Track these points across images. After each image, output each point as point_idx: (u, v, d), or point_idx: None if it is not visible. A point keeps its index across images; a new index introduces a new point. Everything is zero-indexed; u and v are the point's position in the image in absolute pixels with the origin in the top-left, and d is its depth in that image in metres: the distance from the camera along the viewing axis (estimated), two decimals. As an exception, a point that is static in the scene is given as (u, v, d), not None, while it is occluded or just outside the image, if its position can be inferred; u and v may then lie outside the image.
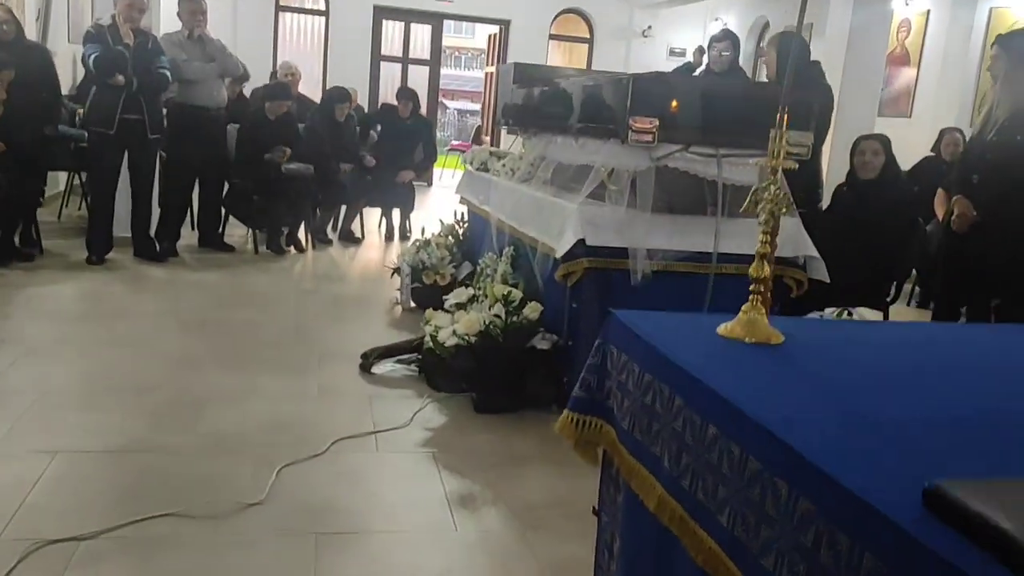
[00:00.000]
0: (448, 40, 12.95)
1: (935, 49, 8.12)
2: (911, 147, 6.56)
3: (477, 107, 23.51)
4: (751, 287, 1.50)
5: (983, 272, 4.04)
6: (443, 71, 13.24)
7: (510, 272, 4.10)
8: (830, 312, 3.91)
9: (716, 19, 12.31)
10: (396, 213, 7.70)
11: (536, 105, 4.55)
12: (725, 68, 5.05)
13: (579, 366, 3.50)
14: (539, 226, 3.87)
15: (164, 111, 5.73)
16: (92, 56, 5.21)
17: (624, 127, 3.29)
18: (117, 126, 5.33)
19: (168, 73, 5.54)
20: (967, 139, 4.85)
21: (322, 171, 6.74)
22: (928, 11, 8.28)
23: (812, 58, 4.95)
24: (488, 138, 12.64)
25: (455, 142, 17.48)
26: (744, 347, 1.45)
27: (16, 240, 5.57)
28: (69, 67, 7.47)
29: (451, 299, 4.09)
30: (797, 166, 1.63)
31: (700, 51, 11.34)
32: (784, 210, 1.49)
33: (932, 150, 6.61)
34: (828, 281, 3.77)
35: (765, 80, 4.59)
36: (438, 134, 15.08)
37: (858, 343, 1.61)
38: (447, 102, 33.10)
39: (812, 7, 9.30)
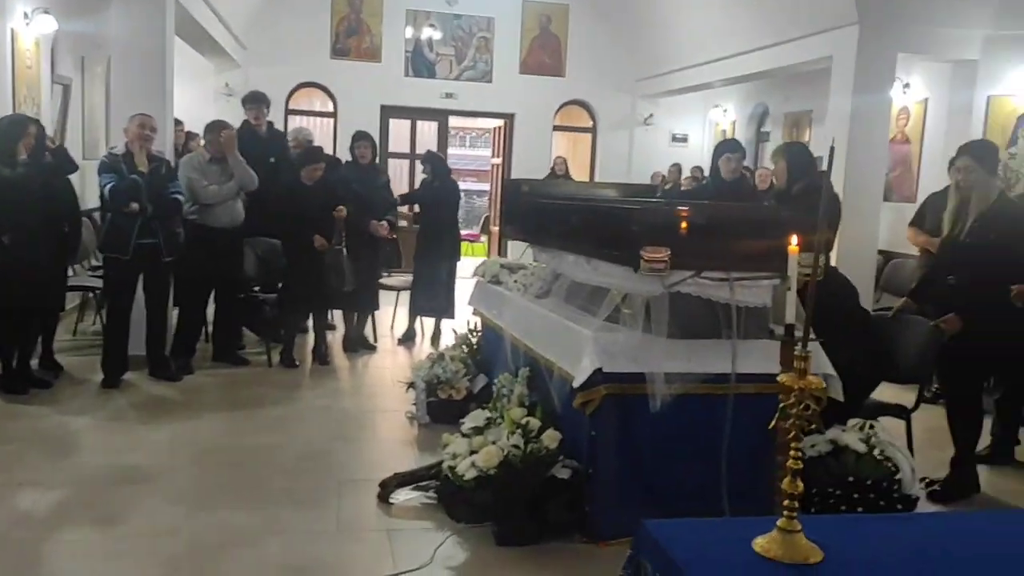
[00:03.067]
0: (453, 120, 13.17)
1: (935, 135, 8.22)
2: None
3: (485, 187, 23.77)
4: (785, 503, 1.47)
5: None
6: (449, 151, 13.44)
7: (526, 394, 4.08)
8: (852, 424, 3.88)
9: (716, 106, 12.55)
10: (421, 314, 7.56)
11: (544, 222, 4.59)
12: (737, 176, 5.28)
13: (601, 494, 3.51)
14: (556, 349, 3.86)
15: (181, 231, 5.80)
16: (108, 186, 5.32)
17: (635, 255, 3.30)
18: (132, 251, 5.40)
19: (181, 197, 5.64)
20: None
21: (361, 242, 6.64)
22: (926, 99, 8.41)
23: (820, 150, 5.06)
24: (497, 228, 12.75)
25: (464, 232, 17.54)
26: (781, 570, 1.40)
27: (35, 362, 5.60)
28: (79, 184, 7.61)
29: (467, 422, 4.05)
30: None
31: (673, 171, 11.46)
32: (813, 425, 1.46)
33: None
34: (842, 400, 3.73)
35: (771, 183, 4.62)
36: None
37: (909, 556, 1.54)
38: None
39: (811, 92, 9.50)
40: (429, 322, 7.63)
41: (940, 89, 8.17)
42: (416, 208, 7.59)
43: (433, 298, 7.33)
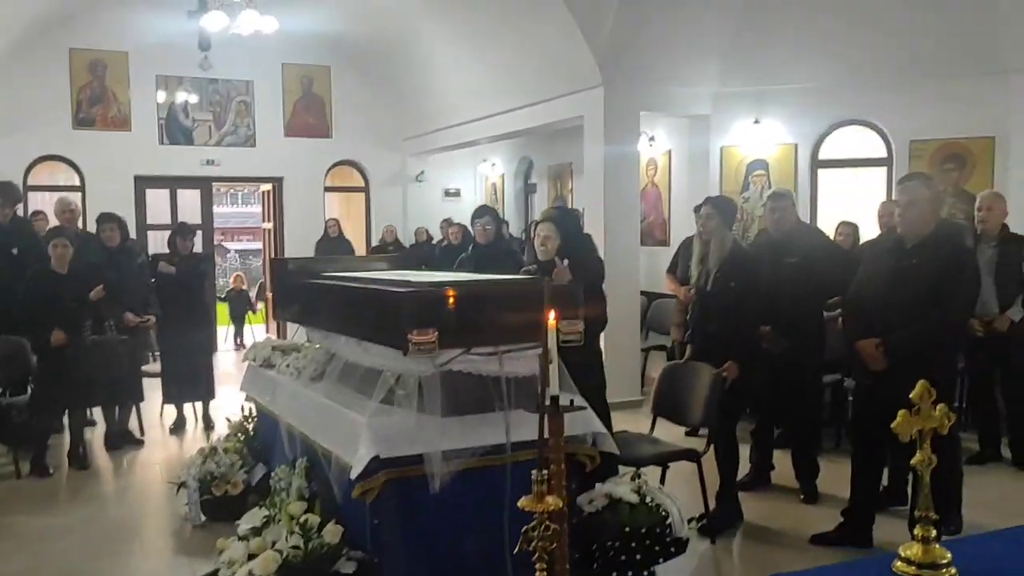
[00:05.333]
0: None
1: (680, 183, 8.95)
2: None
3: (257, 244, 22.86)
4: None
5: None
6: (219, 209, 12.90)
7: (306, 485, 3.93)
8: (623, 475, 4.06)
9: (485, 160, 12.96)
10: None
11: (314, 303, 4.48)
12: (491, 239, 5.47)
13: (391, 582, 3.42)
14: (332, 437, 3.75)
15: None
16: None
17: (403, 338, 3.28)
18: None
19: None
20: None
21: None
22: (670, 150, 9.15)
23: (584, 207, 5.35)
24: (271, 295, 12.32)
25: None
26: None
27: None
28: None
29: (244, 523, 3.83)
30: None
31: (444, 226, 11.59)
32: (554, 544, 1.49)
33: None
34: (618, 453, 3.91)
35: (542, 249, 4.79)
36: (219, 281, 14.43)
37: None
38: (227, 244, 31.79)
39: (570, 146, 10.04)
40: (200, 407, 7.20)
41: (681, 141, 8.92)
42: None
43: (186, 381, 6.93)
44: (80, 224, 7.70)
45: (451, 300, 3.39)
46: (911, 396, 1.72)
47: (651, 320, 8.62)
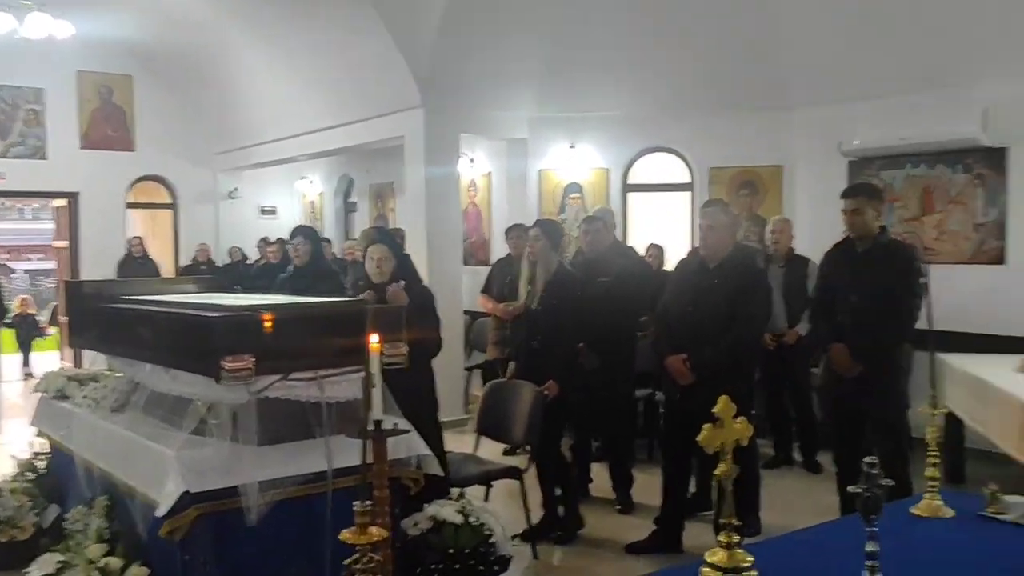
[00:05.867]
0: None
1: (500, 204, 9.12)
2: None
3: (49, 264, 20.91)
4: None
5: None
6: (3, 226, 11.80)
7: (105, 526, 3.64)
8: (437, 502, 4.05)
9: (303, 178, 12.64)
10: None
11: (112, 327, 4.17)
12: (306, 261, 5.39)
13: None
14: (136, 472, 3.50)
15: None
16: None
17: (216, 366, 3.12)
18: None
19: None
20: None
21: None
22: (490, 172, 9.31)
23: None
24: (66, 318, 11.41)
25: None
26: None
27: None
28: None
29: (34, 571, 3.50)
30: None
31: (262, 245, 11.17)
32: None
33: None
34: (443, 475, 3.91)
35: (376, 272, 4.69)
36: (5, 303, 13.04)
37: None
38: (12, 263, 28.92)
39: (392, 165, 9.99)
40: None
41: (500, 163, 9.10)
42: None
43: None
44: None
45: (267, 324, 3.27)
46: (714, 410, 1.83)
47: (475, 339, 8.69)
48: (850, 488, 1.90)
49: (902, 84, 6.95)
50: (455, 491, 4.17)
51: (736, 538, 1.82)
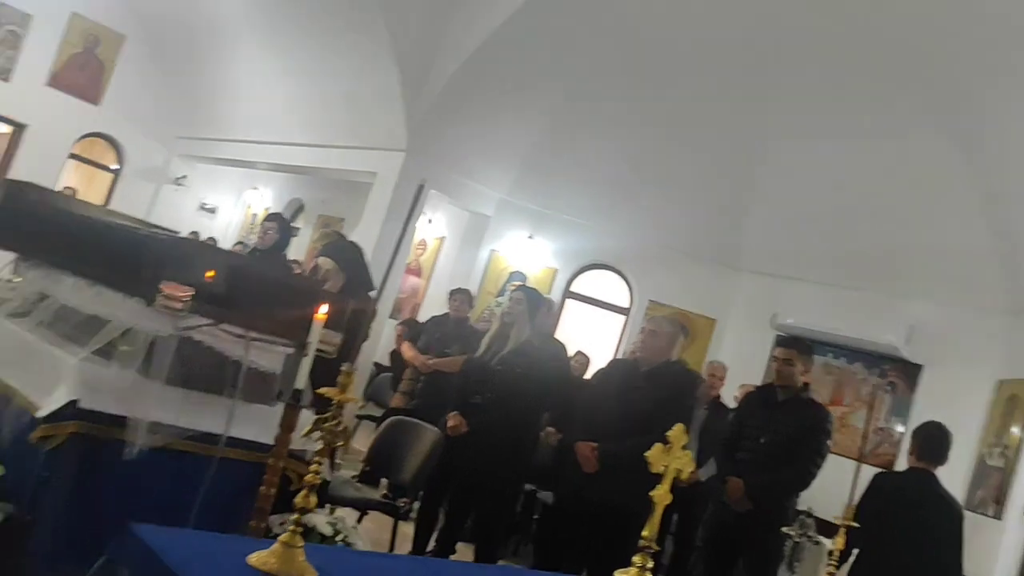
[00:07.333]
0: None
1: (444, 270, 9.17)
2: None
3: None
4: (294, 517, 1.40)
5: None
6: None
7: (-34, 423, 3.36)
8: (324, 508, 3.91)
9: (254, 188, 12.49)
10: None
11: (44, 233, 3.98)
12: (269, 246, 5.24)
13: (43, 544, 2.97)
14: (23, 374, 3.27)
15: None
16: None
17: (153, 289, 3.00)
18: None
19: None
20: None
21: None
22: (444, 237, 9.39)
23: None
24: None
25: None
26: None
27: None
28: None
29: None
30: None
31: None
32: (340, 443, 1.44)
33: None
34: (329, 481, 3.78)
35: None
36: None
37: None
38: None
39: (347, 201, 9.97)
40: None
41: (456, 232, 9.20)
42: None
43: None
44: None
45: (217, 268, 3.18)
46: (668, 434, 1.86)
47: (373, 390, 8.54)
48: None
49: (845, 278, 7.40)
50: (327, 506, 4.01)
51: (650, 563, 1.82)
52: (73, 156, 11.69)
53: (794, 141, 7.26)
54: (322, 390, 1.59)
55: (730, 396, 6.78)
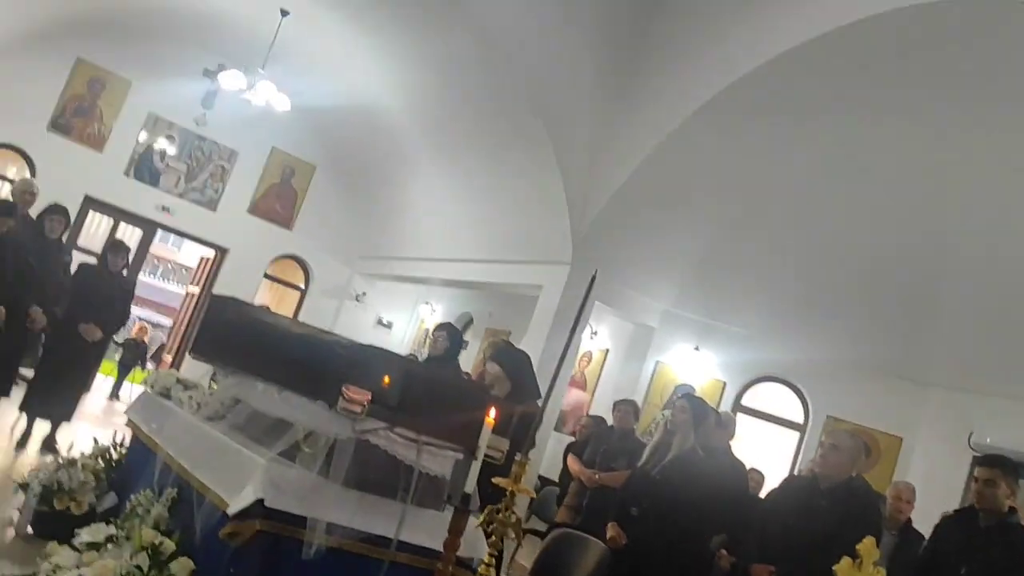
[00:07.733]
0: (157, 248, 12.43)
1: (608, 383, 9.11)
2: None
3: (164, 320, 22.09)
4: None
5: None
6: (139, 278, 12.50)
7: (167, 517, 3.62)
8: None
9: (427, 303, 13.04)
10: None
11: (241, 343, 4.32)
12: (440, 353, 5.36)
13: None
14: (215, 473, 3.50)
15: None
16: None
17: (335, 392, 3.17)
18: None
19: None
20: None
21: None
22: (608, 350, 9.37)
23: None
24: (170, 358, 11.85)
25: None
26: None
27: None
28: None
29: (84, 535, 3.49)
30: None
31: None
32: (512, 536, 1.43)
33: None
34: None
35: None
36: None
37: None
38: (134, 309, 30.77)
39: (514, 315, 10.19)
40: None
41: (621, 344, 9.16)
42: None
43: (51, 395, 6.45)
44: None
45: (392, 373, 3.33)
46: (857, 547, 1.74)
47: (537, 504, 8.45)
48: None
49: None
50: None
51: None
52: (267, 276, 12.71)
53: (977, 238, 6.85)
54: (496, 480, 1.59)
55: (919, 521, 6.20)
